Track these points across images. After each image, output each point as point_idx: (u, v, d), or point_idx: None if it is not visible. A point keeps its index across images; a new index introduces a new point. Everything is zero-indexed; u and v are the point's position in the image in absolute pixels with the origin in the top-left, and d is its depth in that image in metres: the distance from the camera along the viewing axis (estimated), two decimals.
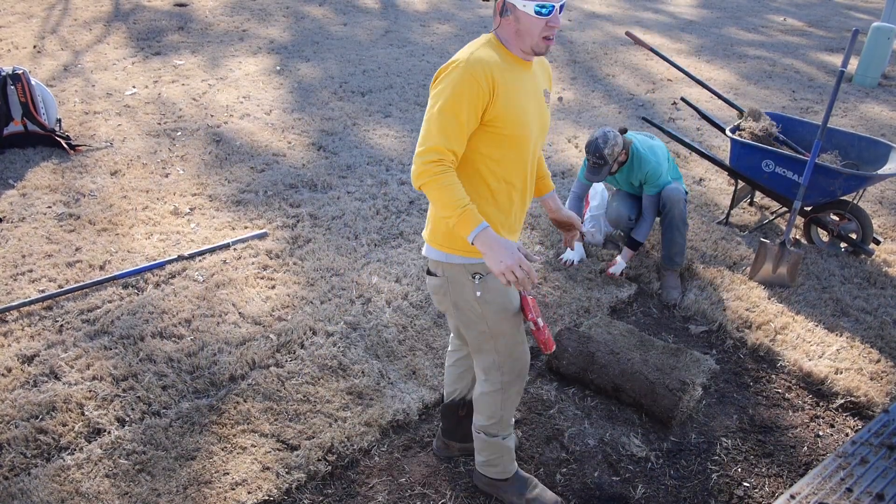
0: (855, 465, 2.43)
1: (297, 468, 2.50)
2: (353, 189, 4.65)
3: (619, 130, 3.64)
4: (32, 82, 4.93)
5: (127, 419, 2.70)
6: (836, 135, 4.27)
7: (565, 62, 7.84)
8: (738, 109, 4.65)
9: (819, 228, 4.22)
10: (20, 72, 4.90)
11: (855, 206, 4.03)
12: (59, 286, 3.48)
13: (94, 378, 2.89)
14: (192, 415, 2.72)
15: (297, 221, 4.21)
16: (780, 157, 3.99)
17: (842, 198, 4.01)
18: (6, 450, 2.53)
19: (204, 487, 2.42)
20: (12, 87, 4.84)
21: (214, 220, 4.17)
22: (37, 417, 2.68)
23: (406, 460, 2.61)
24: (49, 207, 4.22)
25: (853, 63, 7.88)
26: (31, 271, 3.59)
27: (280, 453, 2.57)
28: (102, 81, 6.36)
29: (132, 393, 2.82)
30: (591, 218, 4.14)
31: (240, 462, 2.53)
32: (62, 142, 4.96)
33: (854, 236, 4.11)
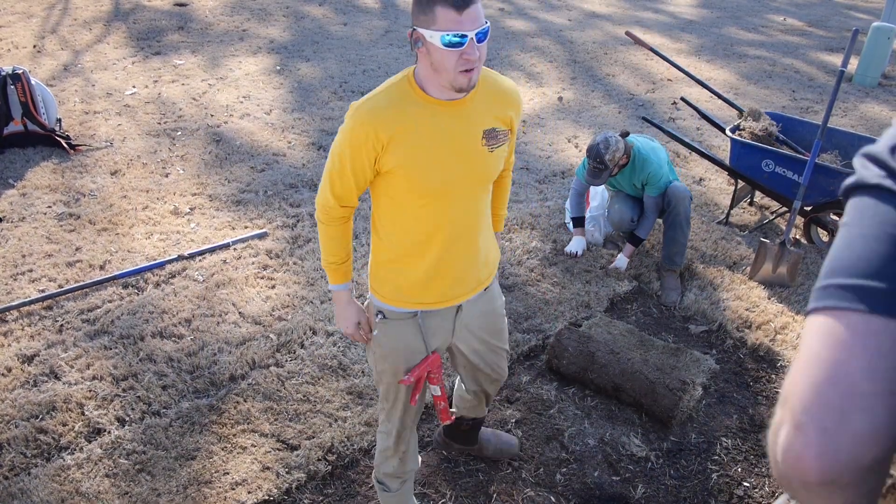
0: None
1: (297, 468, 2.50)
2: None
3: (620, 134, 3.64)
4: (32, 82, 4.92)
5: (127, 419, 2.70)
6: (837, 135, 4.27)
7: (565, 62, 7.84)
8: (738, 109, 4.65)
9: (819, 228, 4.22)
10: (20, 71, 4.89)
11: None
12: (59, 286, 3.48)
13: (94, 378, 2.89)
14: (192, 414, 2.72)
15: (297, 221, 4.21)
16: (780, 156, 3.99)
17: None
18: (6, 449, 2.54)
19: (204, 487, 2.43)
20: (12, 86, 4.83)
21: (214, 220, 4.17)
22: (37, 417, 2.68)
23: None
24: (49, 207, 4.22)
25: (853, 63, 7.88)
26: (31, 271, 3.59)
27: (280, 453, 2.57)
28: (102, 81, 6.36)
29: (132, 393, 2.82)
30: (591, 218, 4.14)
31: (240, 462, 2.53)
32: (62, 141, 4.95)
33: None
